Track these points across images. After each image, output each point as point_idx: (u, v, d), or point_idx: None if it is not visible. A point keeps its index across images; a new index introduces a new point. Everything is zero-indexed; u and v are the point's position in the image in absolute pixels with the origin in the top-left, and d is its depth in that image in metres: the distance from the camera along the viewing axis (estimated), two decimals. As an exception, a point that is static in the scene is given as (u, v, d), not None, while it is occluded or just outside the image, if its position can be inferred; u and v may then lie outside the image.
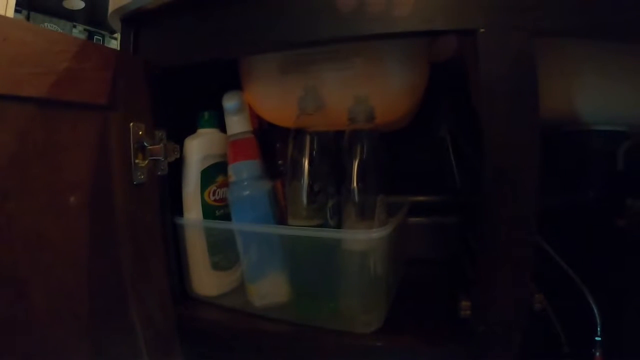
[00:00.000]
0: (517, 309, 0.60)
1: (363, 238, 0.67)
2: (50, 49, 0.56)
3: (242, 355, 0.76)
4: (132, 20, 0.77)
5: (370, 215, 0.69)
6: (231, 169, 0.77)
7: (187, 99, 0.87)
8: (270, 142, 0.92)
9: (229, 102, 0.76)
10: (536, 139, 0.55)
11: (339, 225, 0.71)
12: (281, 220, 0.78)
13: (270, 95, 0.80)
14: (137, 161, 0.69)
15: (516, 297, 0.60)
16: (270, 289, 0.77)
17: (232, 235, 0.79)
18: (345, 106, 0.71)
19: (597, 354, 0.67)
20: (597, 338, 0.67)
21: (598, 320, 0.67)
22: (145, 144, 0.70)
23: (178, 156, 0.76)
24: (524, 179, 0.56)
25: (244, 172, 0.76)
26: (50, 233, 0.56)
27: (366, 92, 0.70)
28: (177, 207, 0.81)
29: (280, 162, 0.91)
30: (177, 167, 0.79)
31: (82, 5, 1.76)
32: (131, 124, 0.68)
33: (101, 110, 0.64)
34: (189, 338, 0.77)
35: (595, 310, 0.67)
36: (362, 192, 0.68)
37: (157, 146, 0.71)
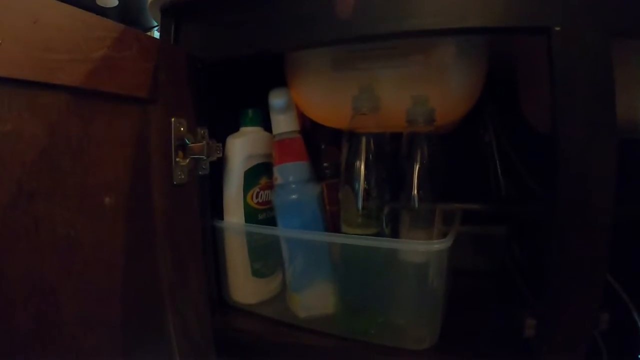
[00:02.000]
0: (584, 329, 0.55)
1: (424, 249, 0.61)
2: (87, 34, 0.50)
3: None
4: (172, 10, 0.72)
5: (428, 225, 0.64)
6: (277, 171, 0.72)
7: (230, 96, 0.82)
8: (315, 143, 0.86)
9: (277, 99, 0.71)
10: (614, 144, 0.50)
11: (394, 234, 0.66)
12: (328, 225, 0.73)
13: (320, 94, 0.74)
14: (177, 160, 0.63)
15: (585, 317, 0.55)
16: (315, 300, 0.72)
17: (274, 241, 0.74)
18: (404, 107, 0.65)
19: None
20: None
21: None
22: (187, 141, 0.64)
23: (220, 155, 0.70)
24: (602, 187, 0.51)
25: (291, 174, 0.71)
26: (82, 236, 0.50)
27: (425, 92, 0.64)
28: (217, 209, 0.77)
29: (325, 164, 0.86)
30: (219, 167, 0.75)
31: (115, 2, 1.72)
32: (172, 119, 0.62)
33: (140, 103, 0.58)
34: (225, 349, 0.72)
35: None
36: (421, 199, 0.62)
37: (199, 144, 0.65)
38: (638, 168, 0.70)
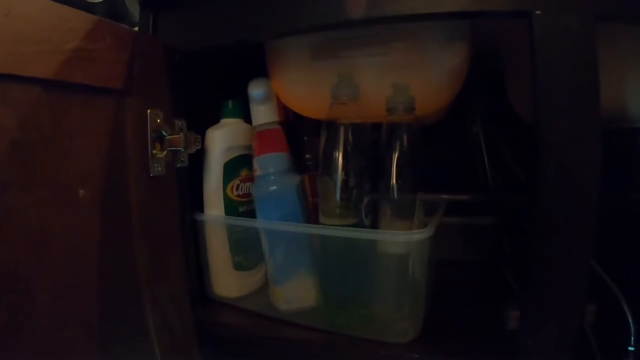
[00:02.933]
0: (570, 321, 0.56)
1: (403, 240, 0.61)
2: (59, 25, 0.50)
3: None
4: (150, 2, 0.72)
5: (408, 215, 0.63)
6: (256, 162, 0.72)
7: (210, 87, 0.82)
8: (297, 135, 0.86)
9: (256, 90, 0.71)
10: (599, 132, 0.50)
11: (374, 225, 0.66)
12: (309, 217, 0.73)
13: (300, 83, 0.73)
14: (154, 152, 0.63)
15: (571, 309, 0.55)
16: (297, 293, 0.72)
17: (256, 233, 0.74)
18: (383, 95, 0.64)
19: None
20: (630, 348, 0.64)
21: (632, 329, 0.63)
22: (164, 133, 0.64)
23: (199, 147, 0.71)
24: (587, 176, 0.51)
25: (271, 165, 0.71)
26: (57, 229, 0.50)
27: (406, 81, 0.64)
28: (197, 202, 0.77)
29: (308, 156, 0.86)
30: (198, 159, 0.74)
31: (102, -3, 1.71)
32: (148, 111, 0.62)
33: (115, 94, 0.58)
34: (208, 343, 0.72)
35: (630, 319, 0.63)
36: (401, 190, 0.62)
37: (176, 136, 0.65)
38: (624, 158, 0.71)
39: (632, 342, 0.63)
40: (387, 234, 0.63)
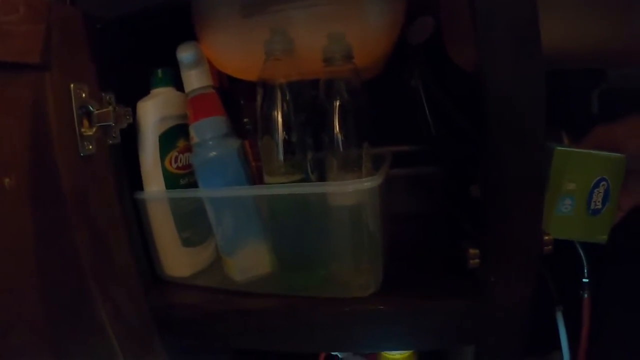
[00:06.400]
0: (529, 254, 0.58)
1: (353, 189, 0.61)
2: (-37, -2, 0.47)
3: (232, 338, 0.72)
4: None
5: (356, 167, 0.63)
6: (193, 129, 0.71)
7: (138, 58, 0.80)
8: (233, 100, 0.86)
9: (185, 53, 0.69)
10: (542, 67, 0.51)
11: (321, 181, 0.66)
12: (254, 182, 0.73)
13: (231, 44, 0.72)
14: (82, 129, 0.61)
15: (529, 242, 0.58)
16: (250, 261, 0.72)
17: (201, 205, 0.73)
18: (319, 46, 0.64)
19: (585, 295, 0.70)
20: (584, 280, 0.70)
21: (585, 263, 0.70)
22: (91, 108, 0.62)
23: (130, 121, 0.69)
24: (532, 110, 0.53)
25: (208, 130, 0.70)
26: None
27: (342, 30, 0.63)
28: (136, 181, 0.75)
29: (246, 120, 0.86)
30: (132, 135, 0.73)
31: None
32: (72, 85, 0.59)
33: (34, 70, 0.56)
34: (167, 327, 0.71)
35: (582, 254, 0.69)
36: (346, 140, 0.62)
37: (105, 110, 0.63)
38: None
39: (586, 275, 0.70)
40: (335, 185, 0.63)
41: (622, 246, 0.66)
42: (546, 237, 0.59)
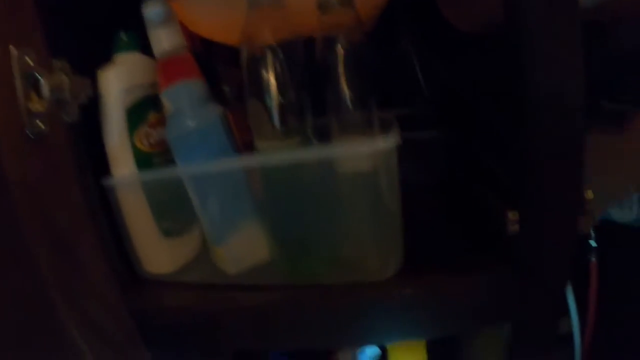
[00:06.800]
0: (571, 216, 0.54)
1: (368, 151, 0.54)
2: None
3: (230, 340, 0.66)
4: None
5: (368, 131, 0.57)
6: (166, 97, 0.63)
7: (96, 18, 0.71)
8: (209, 67, 0.77)
9: (153, 9, 0.61)
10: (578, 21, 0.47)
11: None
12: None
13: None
14: (30, 104, 0.51)
15: (570, 202, 0.54)
16: (245, 249, 0.66)
17: (181, 187, 0.65)
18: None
19: (593, 259, 0.72)
20: (591, 243, 0.72)
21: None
22: (39, 76, 0.52)
23: (90, 94, 0.59)
24: (571, 62, 0.48)
25: (184, 97, 0.62)
26: None
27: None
28: (102, 165, 0.67)
29: (225, 88, 0.79)
30: (95, 110, 0.65)
31: None
32: (11, 48, 0.49)
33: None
34: (153, 334, 0.64)
35: None
36: (354, 98, 0.56)
37: (57, 80, 0.53)
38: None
39: (593, 238, 0.73)
40: (346, 148, 0.57)
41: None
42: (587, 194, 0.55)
